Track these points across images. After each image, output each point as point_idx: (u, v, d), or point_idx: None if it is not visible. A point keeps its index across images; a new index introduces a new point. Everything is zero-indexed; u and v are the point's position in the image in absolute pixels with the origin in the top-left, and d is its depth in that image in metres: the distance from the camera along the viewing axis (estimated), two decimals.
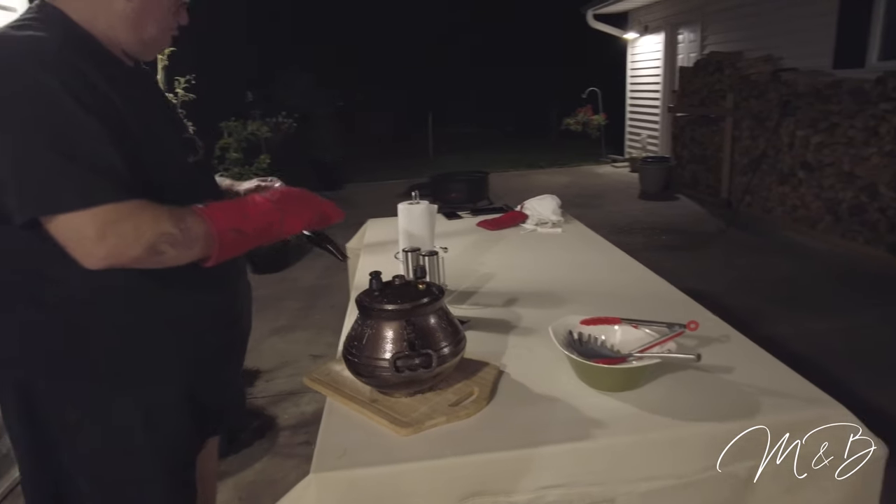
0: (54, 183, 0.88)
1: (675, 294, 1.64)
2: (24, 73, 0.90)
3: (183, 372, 1.13)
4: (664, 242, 5.33)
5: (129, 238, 0.90)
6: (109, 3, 1.02)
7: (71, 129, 0.90)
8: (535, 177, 9.36)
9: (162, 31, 1.11)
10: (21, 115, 0.89)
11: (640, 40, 9.25)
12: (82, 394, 1.06)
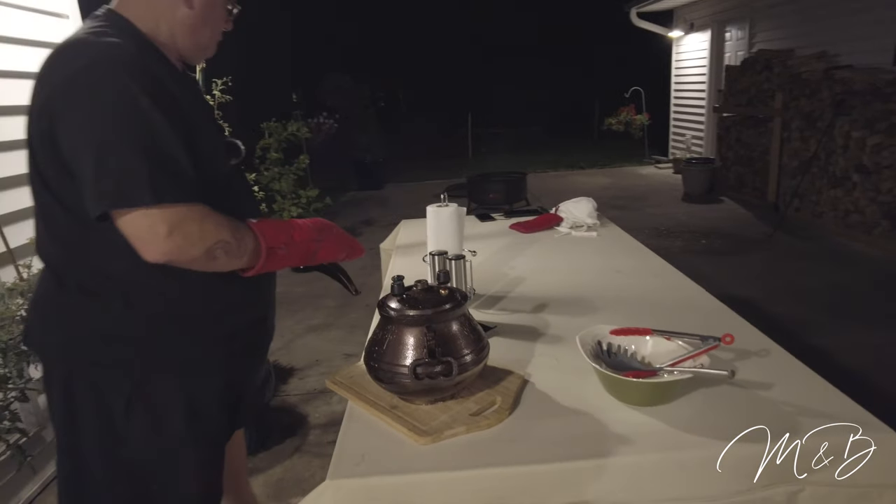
0: (131, 179, 0.93)
1: (713, 303, 1.57)
2: (108, 77, 0.96)
3: (222, 364, 1.19)
4: (706, 247, 5.16)
5: (194, 239, 0.97)
6: (172, 12, 1.09)
7: (148, 130, 0.96)
8: (574, 178, 9.22)
9: (214, 38, 1.19)
10: (104, 115, 0.95)
11: (686, 38, 8.99)
12: (129, 382, 1.11)
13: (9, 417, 1.79)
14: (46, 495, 2.02)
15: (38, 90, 1.01)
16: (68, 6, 2.50)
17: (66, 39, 1.03)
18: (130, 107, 0.95)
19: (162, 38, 1.10)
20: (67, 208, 1.02)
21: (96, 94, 0.95)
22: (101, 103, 0.95)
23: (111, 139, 0.94)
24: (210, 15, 1.13)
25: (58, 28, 2.45)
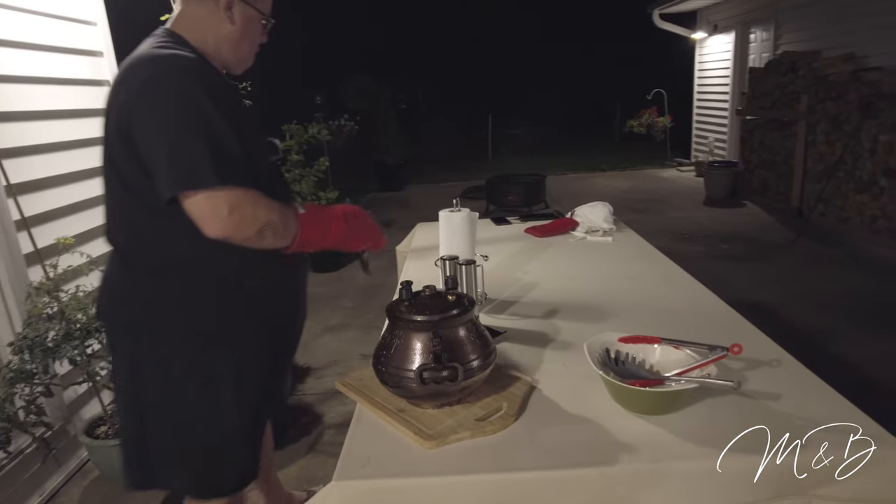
0: (198, 166, 1.09)
1: (726, 311, 1.55)
2: (174, 82, 1.13)
3: (266, 341, 1.35)
4: (727, 252, 5.09)
5: (248, 219, 1.13)
6: (218, 28, 1.26)
7: (209, 126, 1.12)
8: (595, 180, 9.16)
9: (253, 50, 1.36)
10: (176, 113, 1.11)
11: (709, 40, 8.87)
12: (187, 354, 1.26)
13: (35, 411, 1.86)
14: (70, 487, 2.09)
15: (115, 96, 1.18)
16: (97, 14, 2.58)
17: (137, 54, 1.21)
18: (194, 107, 1.11)
19: (209, 50, 1.26)
20: (139, 199, 1.18)
21: (166, 98, 1.11)
22: (171, 105, 1.11)
23: (180, 134, 1.10)
24: (249, 29, 1.30)
25: (87, 35, 2.52)
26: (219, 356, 1.28)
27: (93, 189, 2.46)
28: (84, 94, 2.49)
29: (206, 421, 1.30)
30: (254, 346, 1.32)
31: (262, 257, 1.23)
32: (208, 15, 1.25)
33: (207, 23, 1.25)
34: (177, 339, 1.26)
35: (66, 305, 1.92)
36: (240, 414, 1.32)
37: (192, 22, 1.25)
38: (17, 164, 2.03)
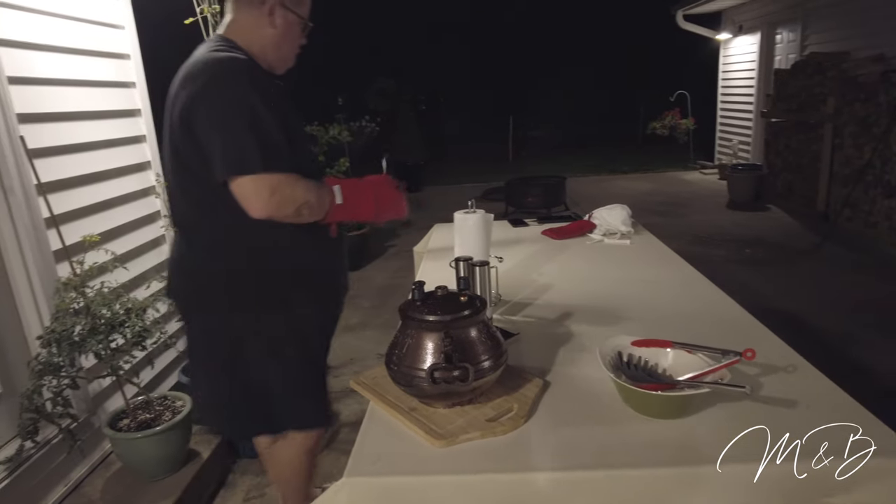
0: (247, 154, 1.25)
1: (743, 317, 1.54)
2: (230, 82, 1.29)
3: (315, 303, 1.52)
4: (749, 256, 5.01)
5: (288, 200, 1.29)
6: (262, 31, 1.42)
7: (257, 120, 1.27)
8: (616, 182, 9.08)
9: (294, 51, 1.51)
10: (230, 109, 1.27)
11: (734, 41, 8.74)
12: (248, 322, 1.44)
13: (61, 403, 1.91)
14: (94, 477, 2.14)
15: (178, 93, 1.34)
16: (125, 19, 2.64)
17: (197, 56, 1.38)
18: (245, 103, 1.28)
19: (255, 52, 1.42)
20: (200, 183, 1.34)
21: (222, 95, 1.28)
22: (226, 102, 1.28)
23: (233, 126, 1.26)
24: (289, 33, 1.45)
25: (115, 38, 2.59)
26: (278, 321, 1.45)
27: (117, 188, 2.52)
28: (110, 95, 2.55)
29: (275, 377, 1.47)
30: (306, 310, 1.49)
31: (306, 234, 1.40)
32: (254, 21, 1.41)
33: (253, 28, 1.42)
34: (238, 309, 1.43)
35: (92, 301, 1.98)
36: (303, 368, 1.51)
37: (241, 28, 1.42)
38: (47, 163, 2.09)
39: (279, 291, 1.44)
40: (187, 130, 1.31)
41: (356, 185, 1.45)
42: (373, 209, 1.46)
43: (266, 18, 1.41)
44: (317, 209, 1.35)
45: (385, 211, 1.49)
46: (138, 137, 2.71)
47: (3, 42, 1.96)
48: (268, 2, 1.41)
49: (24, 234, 2.00)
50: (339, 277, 1.62)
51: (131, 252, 2.54)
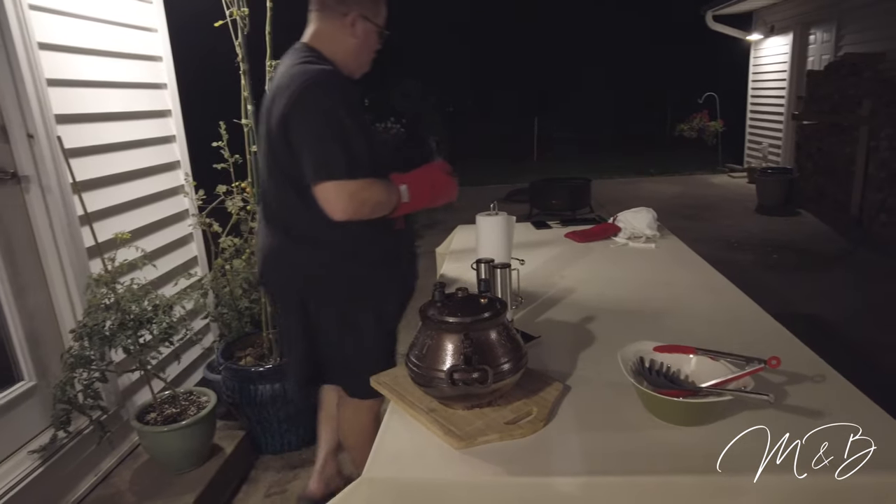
0: (333, 162, 1.40)
1: (769, 324, 1.51)
2: (320, 95, 1.43)
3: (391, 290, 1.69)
4: (778, 262, 4.90)
5: (364, 203, 1.45)
6: (344, 41, 1.55)
7: (345, 130, 1.42)
8: (642, 185, 8.98)
9: (370, 57, 1.64)
10: (321, 119, 1.41)
11: (765, 42, 8.58)
12: (336, 306, 1.62)
13: (92, 395, 1.97)
14: (122, 469, 2.20)
15: (276, 101, 1.47)
16: (157, 22, 2.71)
17: (290, 66, 1.51)
18: (334, 116, 1.43)
19: (337, 60, 1.55)
20: (293, 182, 1.48)
21: (314, 107, 1.42)
22: (318, 113, 1.42)
23: (323, 136, 1.41)
24: (368, 41, 1.59)
25: (148, 41, 2.65)
26: (361, 306, 1.62)
27: (148, 187, 2.59)
28: (142, 96, 2.61)
29: (357, 354, 1.65)
30: (383, 296, 1.66)
31: (381, 233, 1.58)
32: (336, 31, 1.54)
33: (336, 38, 1.55)
34: (326, 294, 1.61)
35: (122, 297, 2.03)
36: (378, 347, 1.67)
37: (325, 37, 1.55)
38: (82, 162, 2.15)
39: (363, 277, 1.61)
40: (283, 136, 1.46)
41: (417, 178, 1.57)
42: (429, 197, 1.59)
43: (348, 29, 1.54)
44: (387, 207, 1.52)
45: (440, 196, 1.62)
46: (168, 137, 2.77)
47: (43, 46, 2.02)
48: (350, 14, 1.53)
49: (59, 232, 2.06)
50: (412, 262, 1.80)
51: (160, 250, 2.61)
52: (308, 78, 1.44)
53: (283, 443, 2.49)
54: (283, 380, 2.38)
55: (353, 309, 1.63)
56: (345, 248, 1.56)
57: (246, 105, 2.29)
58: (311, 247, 1.57)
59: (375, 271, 1.62)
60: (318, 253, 1.58)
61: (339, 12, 1.53)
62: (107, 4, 2.38)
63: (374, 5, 1.59)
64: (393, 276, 1.69)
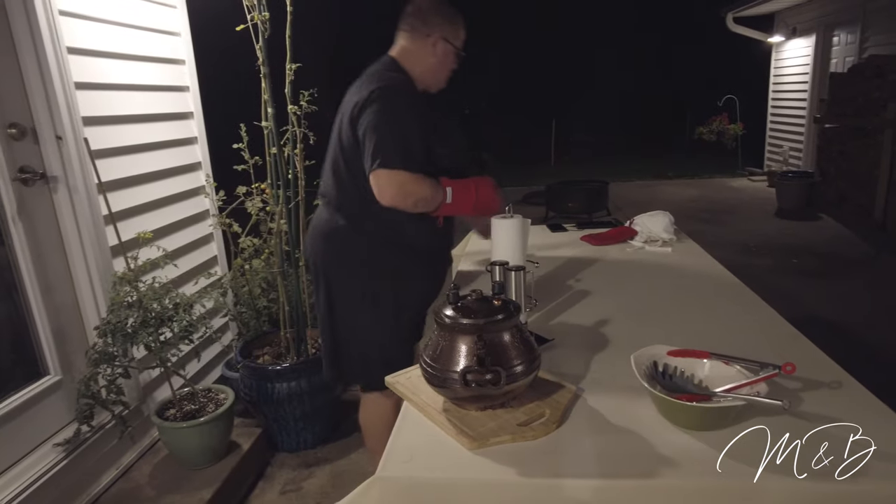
0: (389, 153, 1.56)
1: (786, 329, 1.50)
2: (389, 97, 1.61)
3: (416, 280, 1.81)
4: (797, 267, 4.84)
5: (409, 194, 1.60)
6: (425, 59, 1.76)
7: (405, 129, 1.61)
8: (660, 188, 8.91)
9: (447, 75, 1.84)
10: (386, 117, 1.59)
11: (787, 44, 8.46)
12: (362, 283, 1.76)
13: (114, 391, 2.02)
14: (142, 463, 2.24)
15: (352, 98, 1.67)
16: (181, 26, 2.76)
17: (372, 71, 1.73)
18: (397, 116, 1.61)
19: (416, 75, 1.76)
20: (351, 169, 1.67)
21: (382, 106, 1.60)
22: (384, 112, 1.59)
23: (385, 132, 1.58)
24: (446, 61, 1.79)
25: (172, 45, 2.71)
26: (384, 286, 1.75)
27: (169, 188, 2.64)
28: (165, 98, 2.67)
29: (373, 334, 1.78)
30: (409, 282, 1.78)
31: (422, 220, 1.70)
32: (419, 49, 1.75)
33: (418, 55, 1.75)
34: (355, 270, 1.75)
35: (144, 295, 2.07)
36: (395, 330, 1.79)
37: (408, 54, 1.76)
38: (107, 163, 2.21)
39: (395, 261, 1.75)
40: (352, 126, 1.64)
41: (463, 186, 1.71)
42: (472, 205, 1.73)
43: (430, 49, 1.74)
44: (430, 204, 1.65)
45: (483, 207, 1.75)
46: (190, 139, 2.82)
47: (72, 50, 2.08)
48: (432, 36, 1.74)
49: (85, 231, 2.12)
50: (444, 258, 1.94)
51: (180, 249, 2.66)
52: (383, 82, 1.65)
53: (299, 441, 2.52)
54: (299, 378, 2.41)
55: (373, 291, 1.75)
56: (385, 234, 1.72)
57: (266, 108, 2.32)
58: (354, 227, 1.73)
59: (411, 258, 1.77)
60: (360, 235, 1.73)
61: (423, 33, 1.74)
62: (133, 9, 2.44)
63: (455, 29, 1.78)
64: (423, 272, 1.83)
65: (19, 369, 2.01)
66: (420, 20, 1.74)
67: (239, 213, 2.62)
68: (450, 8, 1.78)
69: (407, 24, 1.76)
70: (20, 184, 1.96)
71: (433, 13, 1.74)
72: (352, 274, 1.77)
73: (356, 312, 1.78)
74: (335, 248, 1.77)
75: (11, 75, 1.94)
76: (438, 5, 1.76)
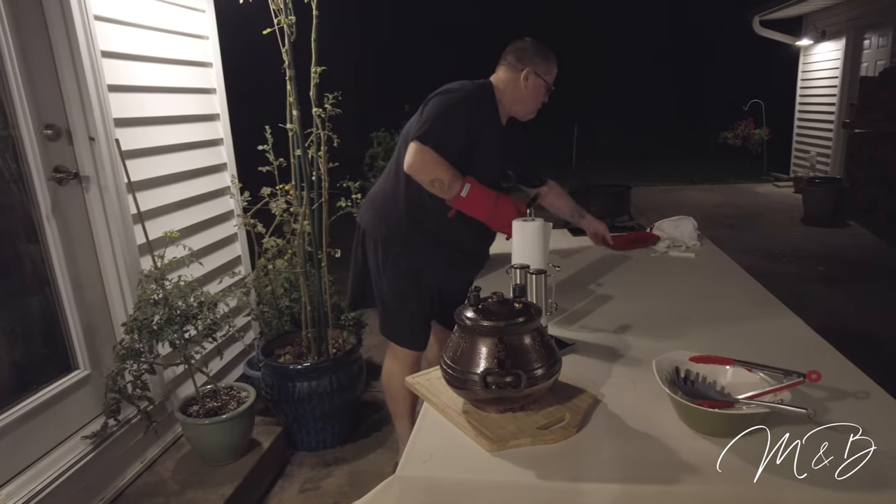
0: (429, 133, 1.76)
1: (811, 337, 1.48)
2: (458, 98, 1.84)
3: (435, 259, 1.99)
4: (823, 274, 4.74)
5: (427, 170, 1.77)
6: (515, 89, 1.94)
7: (456, 121, 1.80)
8: (684, 193, 8.80)
9: (536, 108, 2.01)
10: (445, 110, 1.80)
11: (816, 47, 8.31)
12: (394, 251, 1.97)
13: (140, 386, 2.06)
14: (166, 458, 2.29)
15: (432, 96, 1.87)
16: (209, 30, 2.82)
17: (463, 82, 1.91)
18: (454, 110, 1.81)
19: (504, 101, 1.95)
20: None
21: (448, 98, 1.83)
22: (446, 102, 1.82)
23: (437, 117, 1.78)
24: (535, 94, 1.96)
25: (200, 48, 2.76)
26: (406, 259, 1.96)
27: (195, 188, 2.69)
28: (192, 101, 2.72)
29: (394, 295, 2.01)
30: (432, 260, 1.97)
31: (433, 213, 1.89)
32: (511, 80, 1.93)
33: (510, 84, 1.93)
34: (388, 242, 1.96)
35: (170, 293, 2.12)
36: (412, 297, 2.01)
37: (502, 81, 1.95)
38: (136, 163, 2.26)
39: (418, 241, 1.95)
40: (421, 113, 1.85)
41: (484, 192, 1.83)
42: (486, 213, 1.84)
43: (521, 81, 1.92)
44: (446, 189, 1.80)
45: (496, 220, 1.86)
46: (216, 140, 2.88)
47: (106, 54, 2.13)
48: (524, 70, 1.91)
49: (114, 229, 2.17)
50: (463, 251, 2.06)
51: (205, 249, 2.70)
52: (465, 87, 1.88)
53: (318, 440, 2.55)
54: (320, 378, 2.44)
55: (399, 255, 1.97)
56: (410, 213, 1.93)
57: (291, 110, 2.36)
58: (394, 201, 1.95)
59: (429, 241, 1.97)
60: (396, 208, 1.95)
61: (517, 67, 1.93)
62: (164, 14, 2.49)
63: (547, 65, 1.95)
64: (432, 249, 1.99)
65: (51, 363, 2.07)
66: (516, 55, 1.94)
67: (263, 213, 2.66)
68: (545, 47, 1.97)
69: (505, 58, 1.97)
70: (55, 183, 2.02)
71: (529, 51, 1.94)
72: (386, 244, 1.98)
73: (383, 277, 2.00)
74: (376, 214, 2.00)
75: (49, 78, 2.00)
76: (534, 44, 1.96)
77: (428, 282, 2.03)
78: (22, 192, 1.96)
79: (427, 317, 2.10)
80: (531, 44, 1.97)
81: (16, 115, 1.91)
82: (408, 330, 2.08)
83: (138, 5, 2.34)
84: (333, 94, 2.38)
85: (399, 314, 2.06)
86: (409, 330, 2.08)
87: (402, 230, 1.95)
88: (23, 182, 1.96)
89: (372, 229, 2.01)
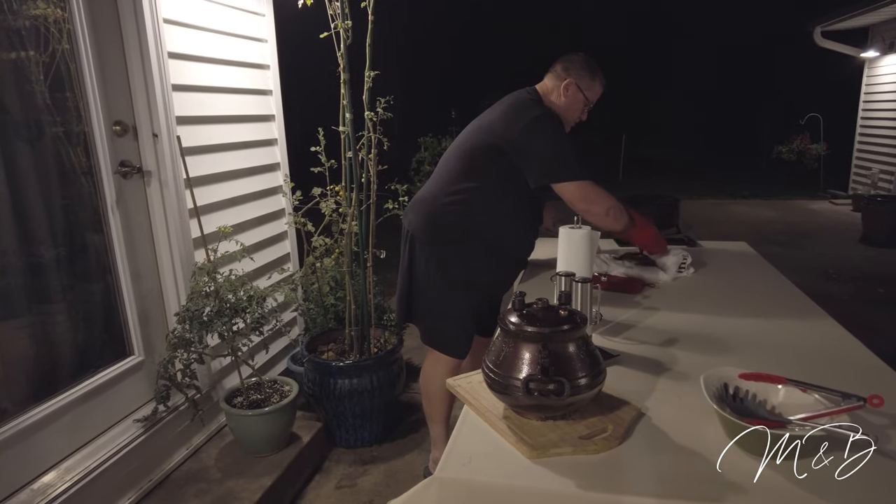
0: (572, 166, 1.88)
1: (870, 360, 1.42)
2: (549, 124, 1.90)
3: (484, 271, 2.02)
4: (883, 297, 4.52)
5: (601, 200, 1.90)
6: (556, 98, 2.00)
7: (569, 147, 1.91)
8: (734, 207, 8.55)
9: (575, 120, 2.06)
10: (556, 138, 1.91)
11: (882, 59, 7.95)
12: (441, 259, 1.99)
13: (189, 375, 2.14)
14: (209, 446, 2.36)
15: (502, 124, 1.92)
16: (268, 33, 2.92)
17: (521, 97, 1.99)
18: (564, 137, 1.93)
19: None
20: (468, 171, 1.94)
21: (550, 129, 1.90)
22: (554, 133, 1.91)
23: (561, 149, 1.89)
24: (573, 106, 2.01)
25: (259, 50, 2.86)
26: (456, 266, 1.97)
27: (249, 186, 2.78)
28: (249, 101, 2.82)
29: (442, 304, 2.02)
30: (483, 267, 1.99)
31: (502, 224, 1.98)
32: (554, 88, 2.00)
33: (553, 93, 2.00)
34: (438, 248, 1.98)
35: (221, 286, 2.19)
36: (460, 305, 2.02)
37: (546, 89, 2.02)
38: (194, 160, 2.35)
39: (467, 250, 1.97)
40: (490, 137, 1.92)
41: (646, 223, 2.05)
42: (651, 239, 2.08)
43: (562, 90, 1.98)
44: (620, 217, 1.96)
45: (655, 247, 2.11)
46: (271, 140, 2.96)
47: (172, 55, 2.24)
48: (567, 79, 1.98)
49: (172, 222, 2.26)
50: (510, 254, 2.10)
51: (256, 245, 2.79)
52: (538, 110, 1.92)
53: (356, 438, 2.59)
54: (361, 376, 2.48)
55: (450, 264, 1.98)
56: (462, 220, 1.95)
57: (344, 113, 2.41)
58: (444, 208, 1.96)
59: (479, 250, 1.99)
60: (446, 215, 1.96)
61: (561, 76, 1.99)
62: (226, 17, 2.59)
63: (591, 81, 2.00)
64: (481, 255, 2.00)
65: (109, 348, 2.17)
66: (563, 65, 2.00)
67: (313, 213, 2.73)
68: (593, 65, 2.01)
69: (554, 67, 2.03)
70: (120, 177, 2.12)
71: (577, 63, 1.99)
72: (435, 252, 2.00)
73: (430, 283, 2.02)
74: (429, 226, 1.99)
75: (120, 77, 2.11)
76: (584, 59, 2.01)
77: (478, 289, 2.03)
78: (90, 185, 2.07)
79: (473, 325, 2.09)
80: (581, 57, 2.01)
81: (89, 111, 2.02)
82: (454, 339, 2.09)
83: (203, 9, 2.44)
84: (385, 98, 2.43)
85: (445, 323, 2.06)
86: (455, 339, 2.09)
87: (453, 237, 1.97)
88: (91, 175, 2.07)
89: (421, 235, 2.01)
